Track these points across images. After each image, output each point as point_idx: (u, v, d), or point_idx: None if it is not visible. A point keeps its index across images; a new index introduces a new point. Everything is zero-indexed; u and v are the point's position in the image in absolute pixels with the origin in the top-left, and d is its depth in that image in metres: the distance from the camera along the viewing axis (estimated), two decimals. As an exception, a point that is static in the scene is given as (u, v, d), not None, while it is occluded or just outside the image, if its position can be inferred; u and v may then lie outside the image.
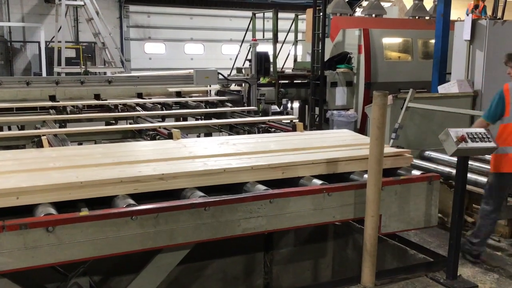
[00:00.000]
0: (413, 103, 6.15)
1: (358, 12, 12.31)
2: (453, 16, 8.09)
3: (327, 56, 9.93)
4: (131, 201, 2.58)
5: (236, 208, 2.71)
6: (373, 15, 11.16)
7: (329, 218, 3.01)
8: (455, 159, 3.86)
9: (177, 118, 6.58)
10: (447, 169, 5.32)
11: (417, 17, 11.72)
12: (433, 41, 8.71)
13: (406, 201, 3.24)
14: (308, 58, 10.69)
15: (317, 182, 3.04)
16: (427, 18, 11.57)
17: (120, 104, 5.94)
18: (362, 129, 9.71)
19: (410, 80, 9.88)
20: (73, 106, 5.67)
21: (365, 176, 3.13)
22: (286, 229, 3.10)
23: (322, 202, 2.93)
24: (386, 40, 10.22)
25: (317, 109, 9.86)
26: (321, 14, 9.55)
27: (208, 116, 6.31)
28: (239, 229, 2.75)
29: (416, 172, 3.39)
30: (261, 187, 2.91)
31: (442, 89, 7.23)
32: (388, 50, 10.30)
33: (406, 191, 3.22)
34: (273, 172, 3.08)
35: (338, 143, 3.73)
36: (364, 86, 9.82)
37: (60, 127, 5.04)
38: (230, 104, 6.72)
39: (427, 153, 6.02)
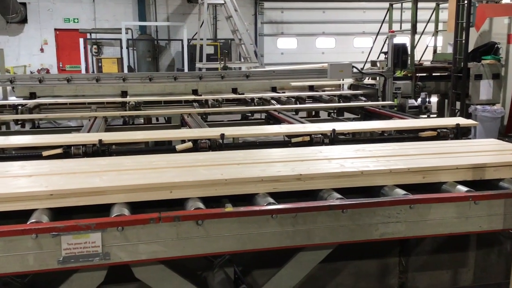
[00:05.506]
0: None
1: (508, -2, 11.27)
2: None
3: (471, 47, 9.26)
4: (271, 200, 2.67)
5: (374, 211, 2.66)
6: (526, 1, 10.12)
7: (475, 228, 2.81)
8: None
9: (309, 112, 6.65)
10: None
11: None
12: None
13: None
14: (449, 50, 10.07)
15: (462, 188, 2.86)
16: None
17: (256, 98, 6.16)
18: (510, 126, 8.92)
19: None
20: (213, 99, 6.02)
21: (517, 184, 2.88)
22: (426, 236, 2.98)
23: (467, 210, 2.75)
24: (541, 28, 9.19)
25: (458, 103, 9.26)
26: (465, 2, 8.94)
27: (340, 111, 6.28)
28: (376, 234, 2.70)
29: None
30: (400, 191, 2.82)
31: None
32: (543, 39, 9.27)
33: None
34: (413, 176, 2.96)
35: (484, 149, 3.47)
36: (514, 79, 9.00)
37: (202, 119, 5.37)
38: (364, 98, 6.61)
39: None
